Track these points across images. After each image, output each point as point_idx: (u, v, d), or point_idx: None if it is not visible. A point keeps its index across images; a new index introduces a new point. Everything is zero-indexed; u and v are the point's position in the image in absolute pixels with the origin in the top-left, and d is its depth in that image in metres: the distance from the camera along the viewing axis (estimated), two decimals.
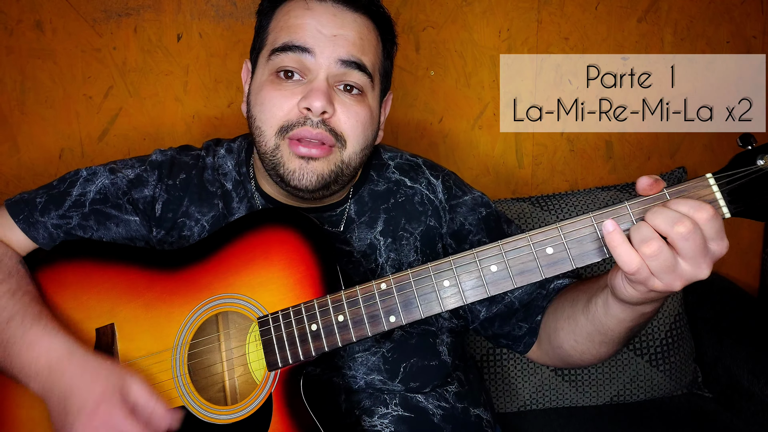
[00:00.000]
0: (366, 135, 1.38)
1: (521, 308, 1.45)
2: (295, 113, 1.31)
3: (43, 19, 2.00)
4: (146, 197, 1.47)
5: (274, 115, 1.32)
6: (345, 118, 1.33)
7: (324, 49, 1.32)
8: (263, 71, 1.37)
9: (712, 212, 1.00)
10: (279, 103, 1.32)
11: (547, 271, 1.10)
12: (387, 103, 1.52)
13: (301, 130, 1.30)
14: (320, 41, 1.32)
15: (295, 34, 1.33)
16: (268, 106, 1.33)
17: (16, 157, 2.08)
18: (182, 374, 1.28)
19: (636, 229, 1.03)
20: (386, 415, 1.38)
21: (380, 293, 1.18)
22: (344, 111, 1.33)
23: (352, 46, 1.34)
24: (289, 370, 1.23)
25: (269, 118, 1.33)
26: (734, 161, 1.05)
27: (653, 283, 1.04)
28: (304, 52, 1.31)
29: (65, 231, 1.45)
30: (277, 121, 1.32)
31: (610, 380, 1.99)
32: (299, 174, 1.32)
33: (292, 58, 1.32)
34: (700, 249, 1.00)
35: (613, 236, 1.03)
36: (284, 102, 1.32)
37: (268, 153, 1.34)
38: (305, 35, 1.32)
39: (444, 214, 1.49)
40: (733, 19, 2.19)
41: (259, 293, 1.26)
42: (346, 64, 1.33)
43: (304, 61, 1.32)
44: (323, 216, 1.46)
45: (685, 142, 2.27)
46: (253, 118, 1.37)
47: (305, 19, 1.33)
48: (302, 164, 1.32)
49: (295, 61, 1.32)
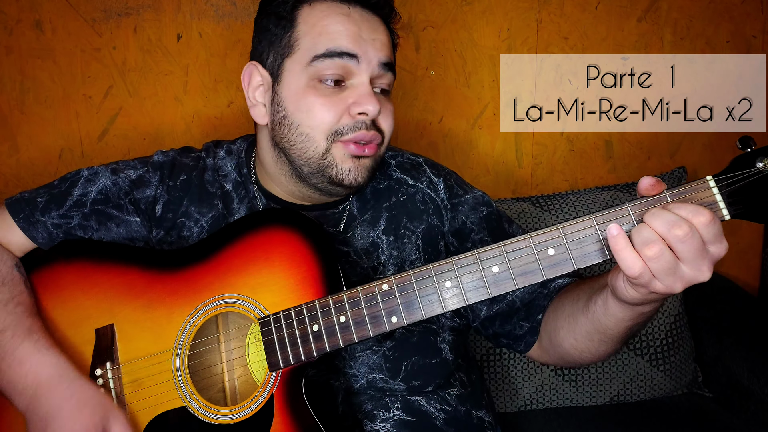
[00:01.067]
0: (393, 131, 1.42)
1: (522, 307, 1.45)
2: (347, 118, 1.32)
3: (43, 19, 2.00)
4: (148, 197, 1.47)
5: (324, 121, 1.32)
6: (384, 117, 1.37)
7: (367, 53, 1.33)
8: (299, 77, 1.35)
9: (710, 216, 1.00)
10: (328, 109, 1.32)
11: (548, 272, 1.11)
12: None
13: (358, 134, 1.32)
14: (363, 46, 1.33)
15: (339, 41, 1.32)
16: (318, 112, 1.33)
17: (16, 156, 2.07)
18: (183, 375, 1.28)
19: (637, 231, 1.03)
20: (388, 420, 1.38)
21: (382, 294, 1.18)
22: (384, 111, 1.37)
23: (388, 48, 1.38)
24: (290, 371, 1.23)
25: (319, 124, 1.33)
26: (734, 163, 1.05)
27: (655, 286, 1.04)
28: (351, 58, 1.32)
29: (65, 231, 1.44)
30: (329, 127, 1.32)
31: (610, 380, 1.99)
32: (355, 173, 1.35)
33: (338, 64, 1.32)
34: (699, 251, 1.01)
35: (617, 240, 1.04)
36: (333, 108, 1.32)
37: (316, 157, 1.34)
38: (350, 41, 1.33)
39: (446, 213, 1.49)
40: (733, 18, 2.19)
41: (260, 293, 1.26)
42: (384, 66, 1.36)
43: (348, 67, 1.33)
44: (326, 213, 1.46)
45: (685, 142, 2.27)
46: (296, 125, 1.35)
47: (345, 24, 1.34)
48: (356, 163, 1.34)
49: (340, 67, 1.32)
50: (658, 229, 1.01)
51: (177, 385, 1.28)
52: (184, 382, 1.27)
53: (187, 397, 1.27)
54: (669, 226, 1.00)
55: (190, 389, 1.27)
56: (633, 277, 1.04)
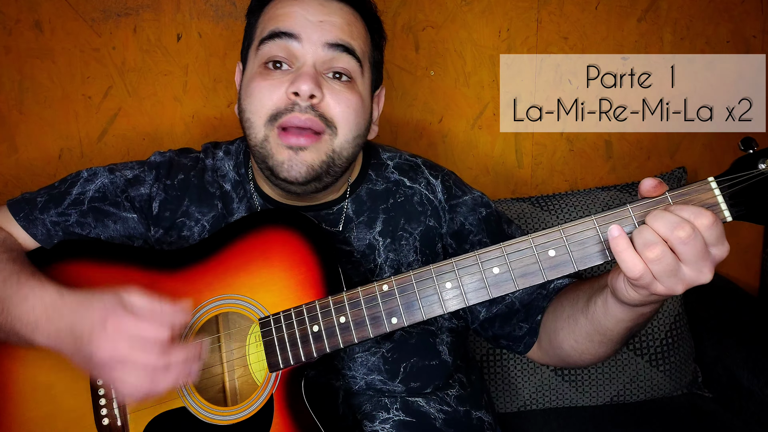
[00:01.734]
0: (358, 123, 1.37)
1: (522, 308, 1.45)
2: (284, 100, 1.31)
3: (42, 19, 2.00)
4: (143, 195, 1.48)
5: (263, 105, 1.32)
6: (334, 104, 1.33)
7: (311, 35, 1.33)
8: (253, 65, 1.38)
9: (713, 218, 1.00)
10: (268, 92, 1.32)
11: (549, 273, 1.11)
12: (380, 97, 1.53)
13: (291, 117, 1.30)
14: (306, 27, 1.33)
15: (281, 22, 1.34)
16: (257, 96, 1.33)
17: (15, 157, 2.07)
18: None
19: (639, 232, 1.03)
20: (387, 420, 1.38)
21: (382, 294, 1.18)
22: (333, 96, 1.33)
23: (340, 30, 1.35)
24: (290, 372, 1.23)
25: (258, 108, 1.33)
26: (735, 165, 1.05)
27: (655, 287, 1.04)
28: (291, 38, 1.32)
29: (63, 228, 1.45)
30: (266, 110, 1.32)
31: (610, 380, 1.99)
32: (288, 165, 1.31)
33: (279, 46, 1.33)
34: (701, 253, 1.01)
35: (618, 241, 1.04)
36: (273, 90, 1.32)
37: (258, 145, 1.34)
38: (291, 22, 1.33)
39: (444, 214, 1.49)
40: (733, 18, 2.18)
41: (260, 294, 1.26)
42: (333, 47, 1.33)
43: (291, 48, 1.33)
44: (320, 214, 1.46)
45: (684, 142, 2.27)
46: (243, 111, 1.37)
47: (292, 8, 1.35)
48: (291, 155, 1.31)
49: (282, 49, 1.33)
50: (660, 230, 1.01)
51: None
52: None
53: (187, 398, 1.27)
54: (671, 227, 1.00)
55: (189, 389, 1.27)
56: (634, 279, 1.04)
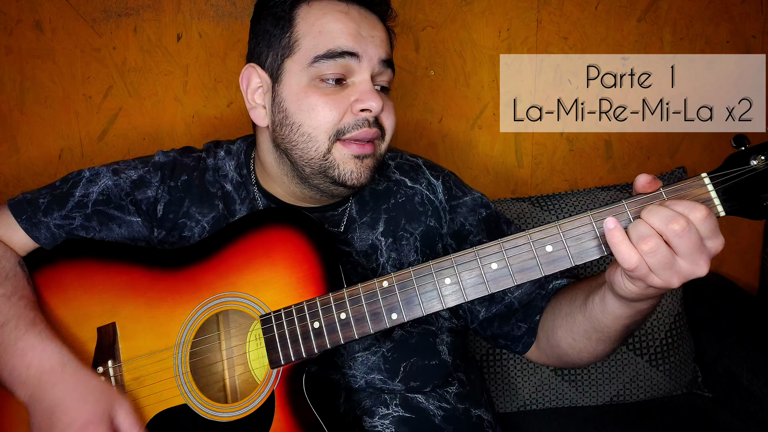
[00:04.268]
0: (396, 127, 1.42)
1: (520, 308, 1.45)
2: (350, 116, 1.32)
3: (43, 19, 2.00)
4: (149, 198, 1.48)
5: (327, 121, 1.32)
6: (386, 115, 1.38)
7: (368, 51, 1.33)
8: (300, 77, 1.34)
9: (706, 212, 1.02)
10: (331, 108, 1.32)
11: (546, 268, 1.12)
12: None
13: (361, 132, 1.32)
14: (363, 44, 1.33)
15: (340, 40, 1.32)
16: (321, 111, 1.32)
17: (16, 157, 2.07)
18: (184, 372, 1.28)
19: (634, 226, 1.04)
20: (387, 416, 1.38)
21: (382, 291, 1.18)
22: (387, 108, 1.37)
23: (387, 45, 1.38)
24: (291, 368, 1.23)
25: (323, 124, 1.32)
26: (728, 161, 1.07)
27: (652, 280, 1.05)
28: (352, 57, 1.32)
29: (67, 231, 1.45)
30: (331, 126, 1.32)
31: (610, 380, 1.99)
32: (357, 173, 1.34)
33: (340, 64, 1.32)
34: (696, 246, 1.02)
35: (613, 233, 1.05)
36: (336, 106, 1.32)
37: (318, 157, 1.34)
38: (350, 40, 1.32)
39: (444, 215, 1.50)
40: (733, 18, 2.19)
41: (262, 292, 1.27)
42: (385, 63, 1.36)
43: (349, 65, 1.33)
44: (325, 216, 1.46)
45: (684, 142, 2.27)
46: (298, 125, 1.34)
47: (345, 22, 1.33)
48: (358, 163, 1.34)
49: (341, 66, 1.32)
50: (655, 224, 1.02)
51: (178, 382, 1.28)
52: (185, 379, 1.28)
53: (189, 395, 1.27)
54: (666, 221, 1.01)
55: (191, 387, 1.27)
56: (630, 270, 1.05)
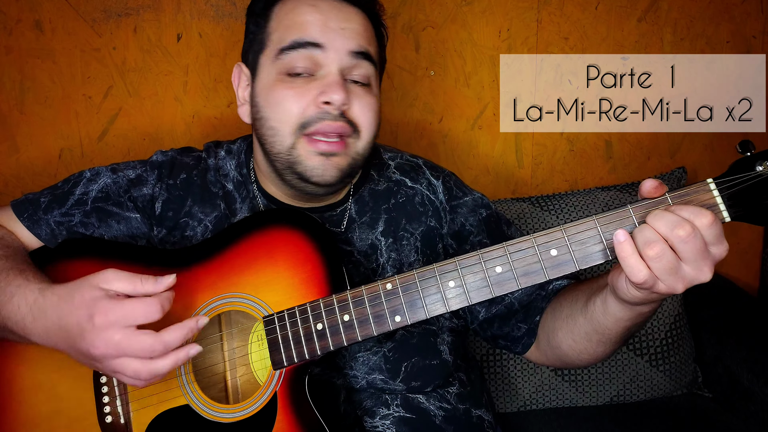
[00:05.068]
0: (377, 124, 1.39)
1: (521, 309, 1.45)
2: (313, 109, 1.31)
3: (43, 19, 2.00)
4: (145, 195, 1.48)
5: (291, 114, 1.32)
6: (359, 109, 1.35)
7: (335, 43, 1.33)
8: (270, 71, 1.36)
9: (712, 218, 1.02)
10: (294, 101, 1.32)
11: (551, 272, 1.12)
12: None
13: (322, 125, 1.31)
14: (329, 35, 1.33)
15: (304, 31, 1.33)
16: (284, 105, 1.33)
17: (15, 157, 2.07)
18: (186, 373, 1.28)
19: (639, 231, 1.04)
20: (388, 416, 1.38)
21: (386, 293, 1.18)
22: (358, 102, 1.34)
23: (361, 37, 1.36)
24: (293, 370, 1.23)
25: (286, 117, 1.33)
26: (734, 167, 1.07)
27: (657, 286, 1.05)
28: (315, 48, 1.32)
29: (67, 228, 1.45)
30: (295, 119, 1.32)
31: (610, 380, 1.99)
32: (321, 170, 1.33)
33: (303, 55, 1.33)
34: (701, 252, 1.02)
35: (624, 246, 1.05)
36: (300, 99, 1.32)
37: (284, 152, 1.34)
38: (314, 30, 1.33)
39: (444, 215, 1.50)
40: (733, 18, 2.19)
41: (264, 293, 1.26)
42: (356, 55, 1.34)
43: (315, 57, 1.33)
44: (324, 216, 1.46)
45: (685, 142, 2.27)
46: (265, 119, 1.36)
47: (312, 15, 1.34)
48: (323, 160, 1.32)
49: (306, 59, 1.33)
50: (661, 230, 1.02)
51: (180, 383, 1.28)
52: (187, 380, 1.27)
53: (191, 395, 1.27)
54: (671, 227, 1.01)
55: (193, 387, 1.27)
56: (638, 284, 1.05)
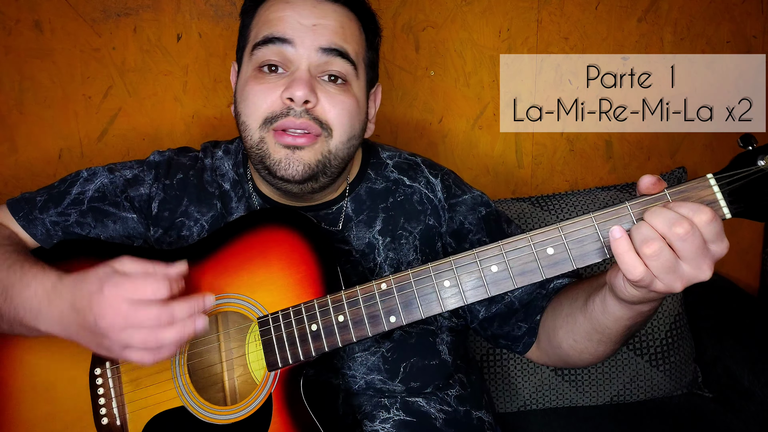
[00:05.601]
0: (352, 125, 1.37)
1: (521, 308, 1.45)
2: (279, 105, 1.32)
3: (42, 19, 2.00)
4: (142, 195, 1.48)
5: (257, 108, 1.34)
6: (329, 107, 1.34)
7: (304, 39, 1.33)
8: (247, 68, 1.39)
9: (711, 215, 0.99)
10: (262, 96, 1.33)
11: (547, 271, 1.10)
12: (376, 95, 1.52)
13: (285, 120, 1.31)
14: (300, 31, 1.33)
15: (274, 27, 1.34)
16: (252, 99, 1.34)
17: (15, 157, 2.07)
18: (182, 374, 1.27)
19: (637, 228, 1.02)
20: (387, 420, 1.38)
21: (380, 293, 1.17)
22: (328, 100, 1.34)
23: (333, 34, 1.35)
24: (289, 371, 1.22)
25: (253, 112, 1.34)
26: (735, 162, 1.04)
27: (655, 285, 1.03)
28: (285, 43, 1.33)
29: (63, 228, 1.45)
30: (261, 114, 1.33)
31: (610, 380, 1.99)
32: (285, 164, 1.33)
33: (273, 51, 1.34)
34: (700, 250, 1.00)
35: (619, 243, 1.03)
36: (267, 95, 1.33)
37: (254, 146, 1.35)
38: (285, 27, 1.34)
39: (443, 213, 1.49)
40: (734, 18, 2.18)
41: (259, 293, 1.26)
42: (327, 52, 1.34)
43: (285, 53, 1.33)
44: (319, 214, 1.46)
45: (685, 142, 2.27)
46: (239, 114, 1.39)
47: (285, 11, 1.35)
48: (288, 154, 1.32)
49: (276, 54, 1.34)
50: (659, 227, 1.00)
51: (176, 384, 1.27)
52: (183, 381, 1.27)
53: (186, 397, 1.26)
54: (670, 224, 0.99)
55: (189, 389, 1.27)
56: (635, 281, 1.03)
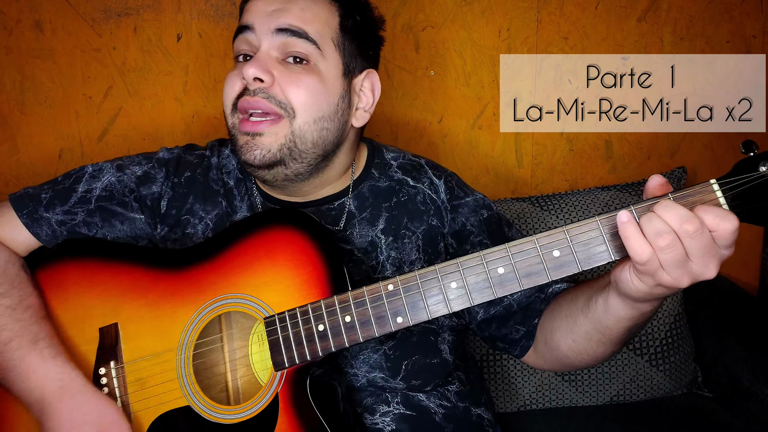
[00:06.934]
0: (318, 104, 1.36)
1: (519, 311, 1.45)
2: (239, 86, 1.36)
3: (43, 19, 2.00)
4: (154, 194, 1.49)
5: (226, 94, 1.38)
6: (287, 85, 1.34)
7: (263, 24, 1.36)
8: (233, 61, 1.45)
9: (737, 224, 1.01)
10: (231, 82, 1.38)
11: (553, 273, 1.11)
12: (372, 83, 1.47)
13: (242, 100, 1.35)
14: (260, 17, 1.36)
15: (244, 18, 1.39)
16: (225, 87, 1.39)
17: (15, 157, 2.07)
18: (187, 374, 1.28)
19: (648, 220, 1.02)
20: (388, 413, 1.38)
21: (387, 294, 1.18)
22: (287, 79, 1.34)
23: (290, 15, 1.36)
24: (295, 371, 1.23)
25: (225, 98, 1.39)
26: (737, 167, 1.06)
27: (661, 277, 1.04)
28: (248, 31, 1.37)
29: (69, 228, 1.45)
30: (229, 99, 1.38)
31: (610, 380, 1.99)
32: (246, 149, 1.35)
33: (242, 40, 1.38)
34: (708, 249, 1.01)
35: (626, 226, 1.03)
36: (235, 80, 1.37)
37: (229, 133, 1.41)
38: (250, 15, 1.37)
39: (446, 214, 1.50)
40: (733, 18, 2.19)
41: (265, 293, 1.26)
42: (282, 32, 1.35)
43: (249, 40, 1.37)
44: (321, 210, 1.46)
45: (685, 142, 2.27)
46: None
47: (257, 3, 1.39)
48: (248, 139, 1.35)
49: (244, 42, 1.38)
50: (670, 221, 1.01)
51: (181, 384, 1.28)
52: (188, 381, 1.27)
53: (192, 396, 1.27)
54: (681, 220, 1.00)
55: (194, 388, 1.27)
56: (641, 263, 1.03)
